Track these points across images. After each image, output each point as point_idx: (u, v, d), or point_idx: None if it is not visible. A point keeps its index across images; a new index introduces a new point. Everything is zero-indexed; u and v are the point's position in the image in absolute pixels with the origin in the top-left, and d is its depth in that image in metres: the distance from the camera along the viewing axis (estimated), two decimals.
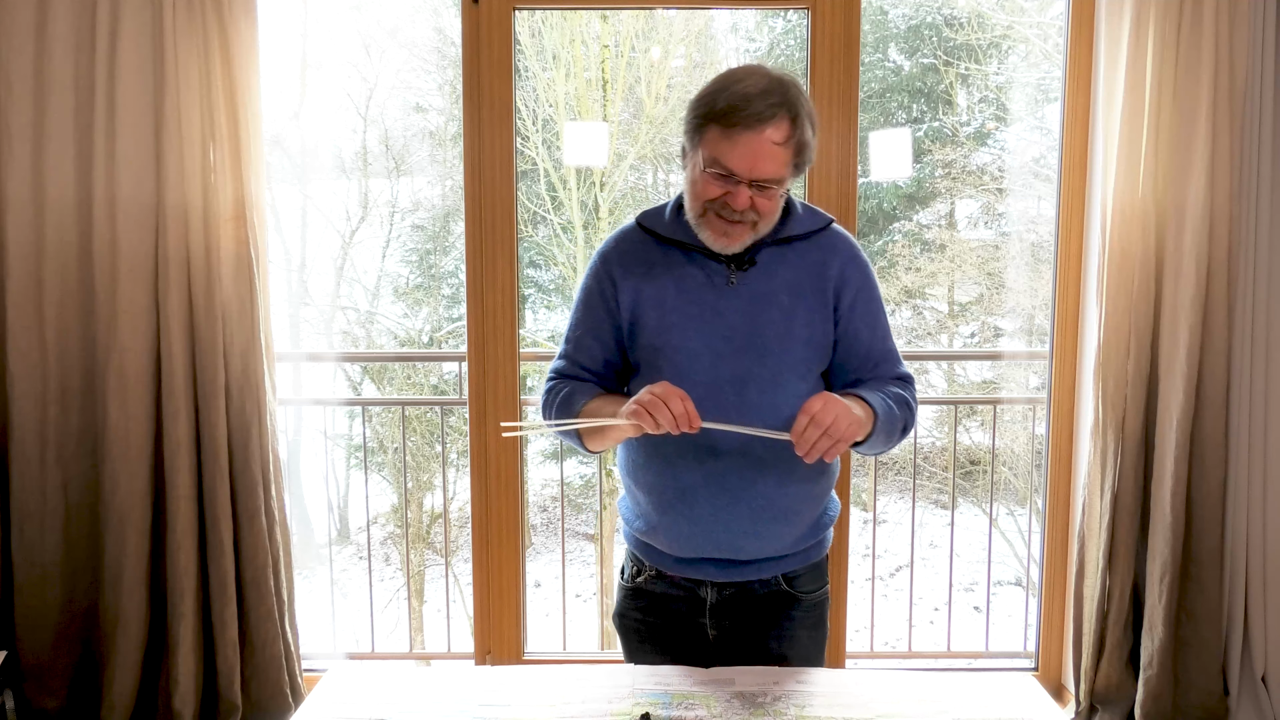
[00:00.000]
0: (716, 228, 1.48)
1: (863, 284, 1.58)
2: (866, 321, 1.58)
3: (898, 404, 1.54)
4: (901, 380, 1.60)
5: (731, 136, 1.41)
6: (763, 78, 1.43)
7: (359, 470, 7.97)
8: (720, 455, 1.52)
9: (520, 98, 5.84)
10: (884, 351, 1.60)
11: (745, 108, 1.40)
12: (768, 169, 1.42)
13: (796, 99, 1.44)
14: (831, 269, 1.56)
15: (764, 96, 1.40)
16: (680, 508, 1.56)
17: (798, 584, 1.64)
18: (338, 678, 1.62)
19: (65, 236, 2.43)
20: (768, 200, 1.45)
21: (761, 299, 1.52)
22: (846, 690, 1.55)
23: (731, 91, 1.41)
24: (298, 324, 7.62)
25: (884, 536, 7.75)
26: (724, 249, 1.50)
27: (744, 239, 1.49)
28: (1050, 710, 1.52)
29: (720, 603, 1.63)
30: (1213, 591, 2.49)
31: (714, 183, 1.44)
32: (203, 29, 2.36)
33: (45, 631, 2.52)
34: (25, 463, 2.47)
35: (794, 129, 1.43)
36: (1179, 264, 2.43)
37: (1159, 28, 2.37)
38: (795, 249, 1.55)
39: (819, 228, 1.58)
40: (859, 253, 1.60)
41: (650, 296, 1.55)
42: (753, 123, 1.40)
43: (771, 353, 1.51)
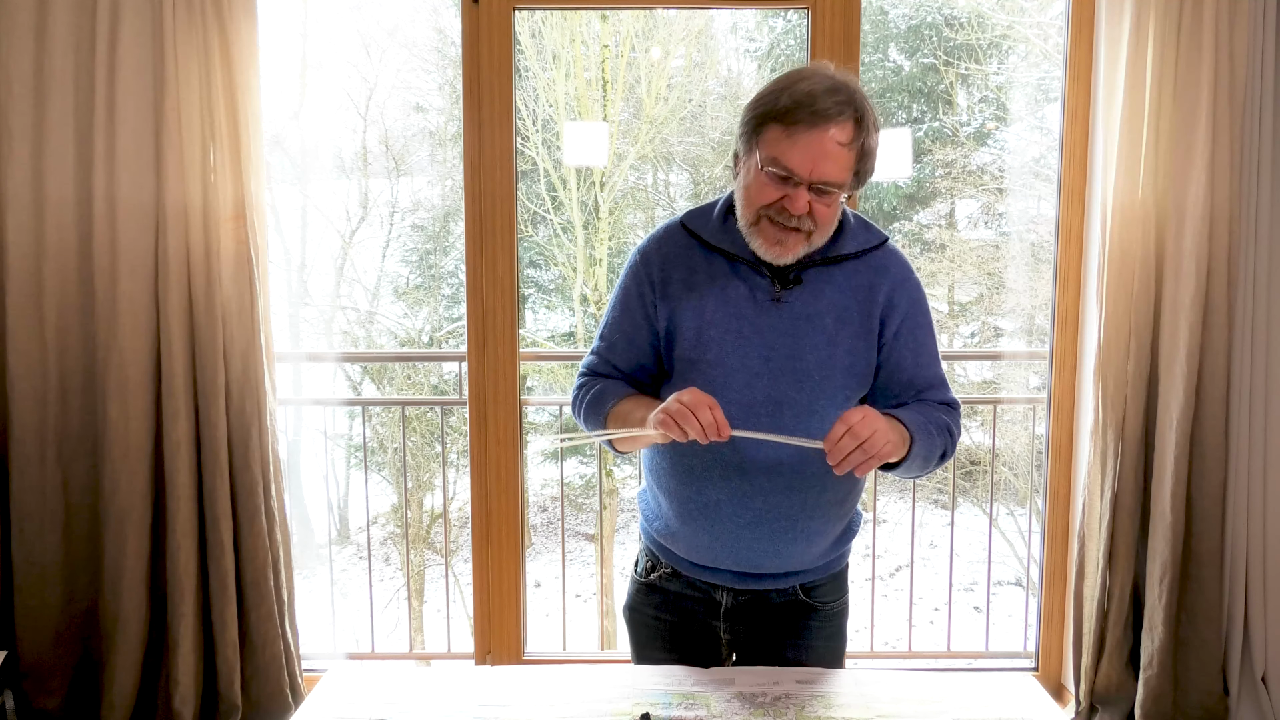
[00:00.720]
0: (770, 236, 1.40)
1: (910, 310, 1.51)
2: (911, 348, 1.52)
3: (939, 430, 1.48)
4: (946, 406, 1.54)
5: (793, 134, 1.34)
6: (828, 77, 1.37)
7: (359, 470, 7.97)
8: (748, 474, 1.47)
9: (520, 98, 5.85)
10: (928, 378, 1.53)
11: (810, 104, 1.33)
12: (830, 170, 1.35)
13: (863, 102, 1.38)
14: (880, 293, 1.48)
15: (830, 94, 1.34)
16: (702, 521, 1.52)
17: (816, 594, 1.61)
18: (338, 678, 1.62)
19: (65, 236, 2.43)
20: (826, 207, 1.38)
21: (805, 320, 1.46)
22: (846, 690, 1.55)
23: (795, 89, 1.35)
24: (298, 324, 7.62)
25: (884, 536, 7.75)
26: (776, 259, 1.42)
27: (797, 250, 1.41)
28: (1050, 710, 1.52)
29: (735, 607, 1.60)
30: (1213, 591, 2.49)
31: (771, 184, 1.37)
32: (203, 29, 2.36)
33: (45, 631, 2.52)
34: (25, 463, 2.47)
35: (859, 131, 1.37)
36: (1179, 264, 2.43)
37: (1159, 28, 2.37)
38: (844, 269, 1.48)
39: (871, 246, 1.51)
40: (910, 275, 1.52)
41: (690, 306, 1.48)
42: (817, 120, 1.33)
43: (811, 378, 1.45)
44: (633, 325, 1.55)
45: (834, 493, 1.51)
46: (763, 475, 1.47)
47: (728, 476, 1.48)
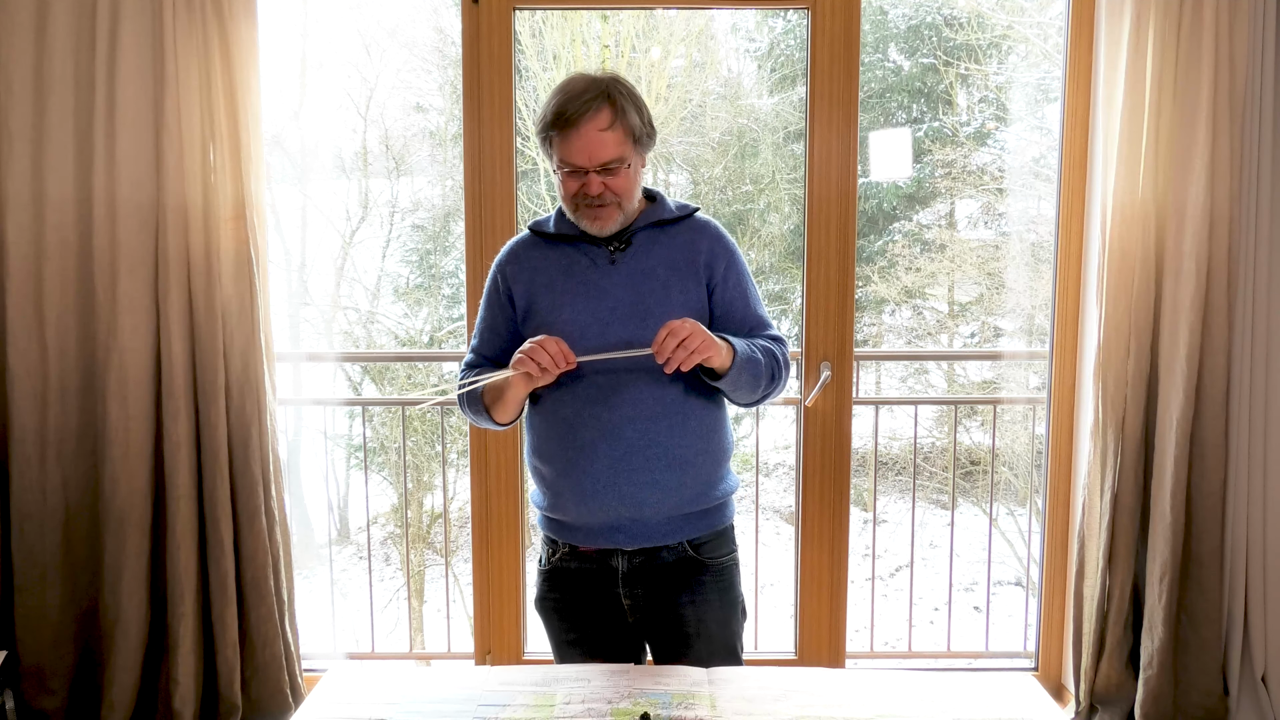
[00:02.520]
0: (588, 215, 1.68)
1: (730, 260, 1.77)
2: (739, 292, 1.77)
3: (763, 352, 1.71)
4: (773, 339, 1.78)
5: (565, 137, 1.63)
6: (580, 81, 1.66)
7: (359, 470, 7.97)
8: (614, 408, 1.67)
9: (520, 98, 5.86)
10: (757, 317, 1.79)
11: (565, 110, 1.62)
12: (604, 153, 1.63)
13: (612, 89, 1.65)
14: (700, 247, 1.75)
15: (579, 97, 1.62)
16: (583, 465, 1.69)
17: (704, 550, 1.76)
18: (338, 678, 1.62)
19: (65, 236, 2.43)
20: (618, 179, 1.65)
21: (640, 274, 1.72)
22: (846, 690, 1.55)
23: (555, 102, 1.64)
24: (298, 324, 7.61)
25: (884, 536, 7.74)
26: (600, 231, 1.69)
27: (614, 218, 1.69)
28: (1050, 710, 1.52)
29: (631, 571, 1.74)
30: (1213, 591, 2.49)
31: (569, 180, 1.66)
32: (203, 29, 2.36)
33: (45, 631, 2.52)
34: (25, 463, 2.47)
35: (615, 112, 1.64)
36: (1179, 264, 2.43)
37: (1159, 28, 2.37)
38: (667, 232, 1.75)
39: (686, 214, 1.78)
40: (724, 234, 1.80)
41: (542, 283, 1.75)
42: (576, 121, 1.61)
43: (654, 316, 1.67)
44: (494, 319, 1.81)
45: (697, 421, 1.72)
46: (627, 406, 1.67)
47: (596, 415, 1.68)
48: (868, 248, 7.68)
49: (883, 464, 7.88)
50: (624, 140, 1.65)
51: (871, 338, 7.98)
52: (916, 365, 8.10)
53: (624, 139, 1.65)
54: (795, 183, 7.34)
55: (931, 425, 8.12)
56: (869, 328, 7.93)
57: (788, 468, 7.80)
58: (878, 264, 7.70)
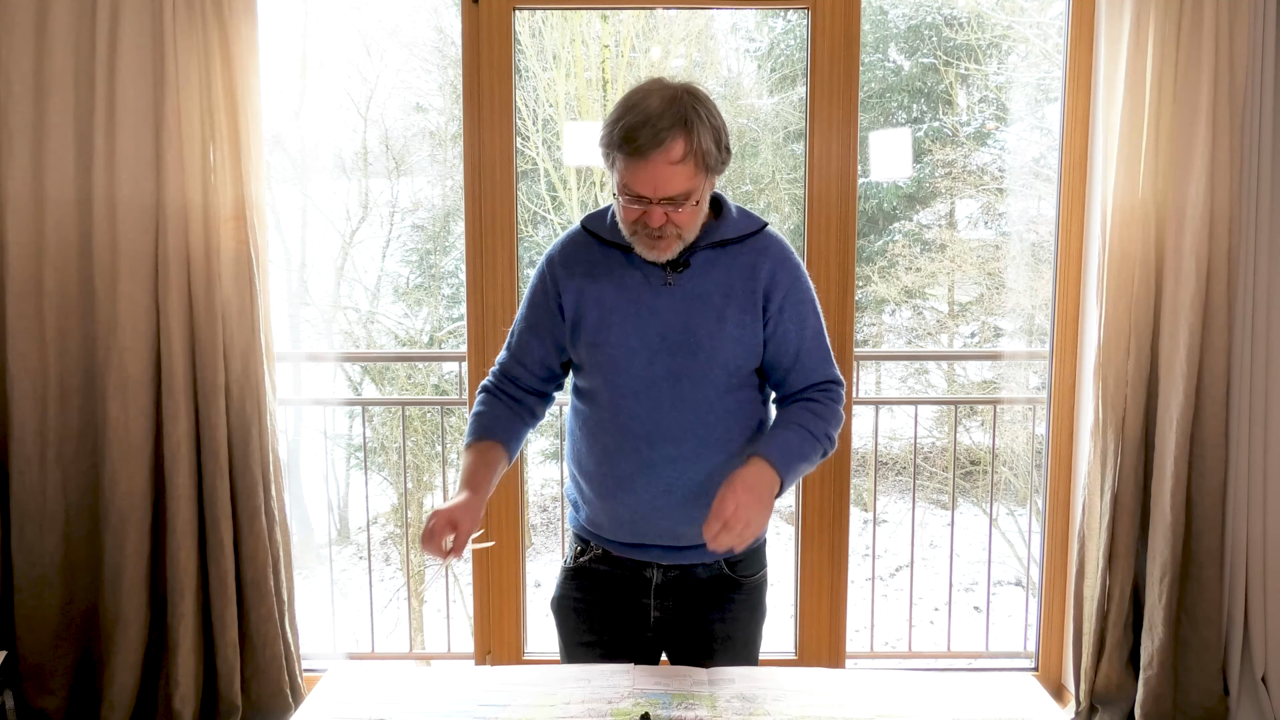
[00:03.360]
0: (645, 243, 1.54)
1: (792, 286, 1.63)
2: (795, 323, 1.63)
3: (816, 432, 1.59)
4: (828, 386, 1.65)
5: (632, 164, 1.47)
6: (656, 98, 1.48)
7: (359, 470, 7.97)
8: (655, 444, 1.60)
9: (520, 98, 5.84)
10: (813, 351, 1.65)
11: (638, 136, 1.45)
12: (672, 187, 1.48)
13: (689, 112, 1.47)
14: (762, 271, 1.61)
15: (656, 121, 1.45)
16: (621, 496, 1.63)
17: (739, 568, 1.71)
18: (338, 678, 1.62)
19: (65, 236, 2.43)
20: (682, 214, 1.51)
21: (695, 299, 1.59)
22: (846, 690, 1.55)
23: (625, 122, 1.47)
24: (298, 324, 7.61)
25: (884, 536, 7.74)
26: (657, 259, 1.56)
27: (673, 248, 1.55)
28: (1050, 710, 1.52)
29: (665, 584, 1.69)
30: (1213, 591, 2.49)
31: (629, 206, 1.51)
32: (203, 29, 2.36)
33: (45, 631, 2.52)
34: (25, 463, 2.47)
35: (689, 143, 1.47)
36: (1179, 264, 2.43)
37: (1159, 28, 2.37)
38: (728, 252, 1.61)
39: (752, 231, 1.64)
40: (790, 256, 1.65)
41: (592, 296, 1.62)
42: (646, 150, 1.45)
43: (703, 349, 1.58)
44: (539, 321, 1.69)
45: (740, 460, 1.59)
46: (669, 444, 1.60)
47: (637, 449, 1.60)
48: (868, 248, 7.68)
49: (883, 464, 7.88)
50: (695, 173, 1.49)
51: (871, 338, 7.98)
52: (916, 365, 8.10)
53: (695, 172, 1.49)
54: (795, 183, 7.34)
55: (931, 425, 8.11)
56: (869, 328, 7.93)
57: None
58: (878, 264, 7.70)
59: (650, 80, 1.54)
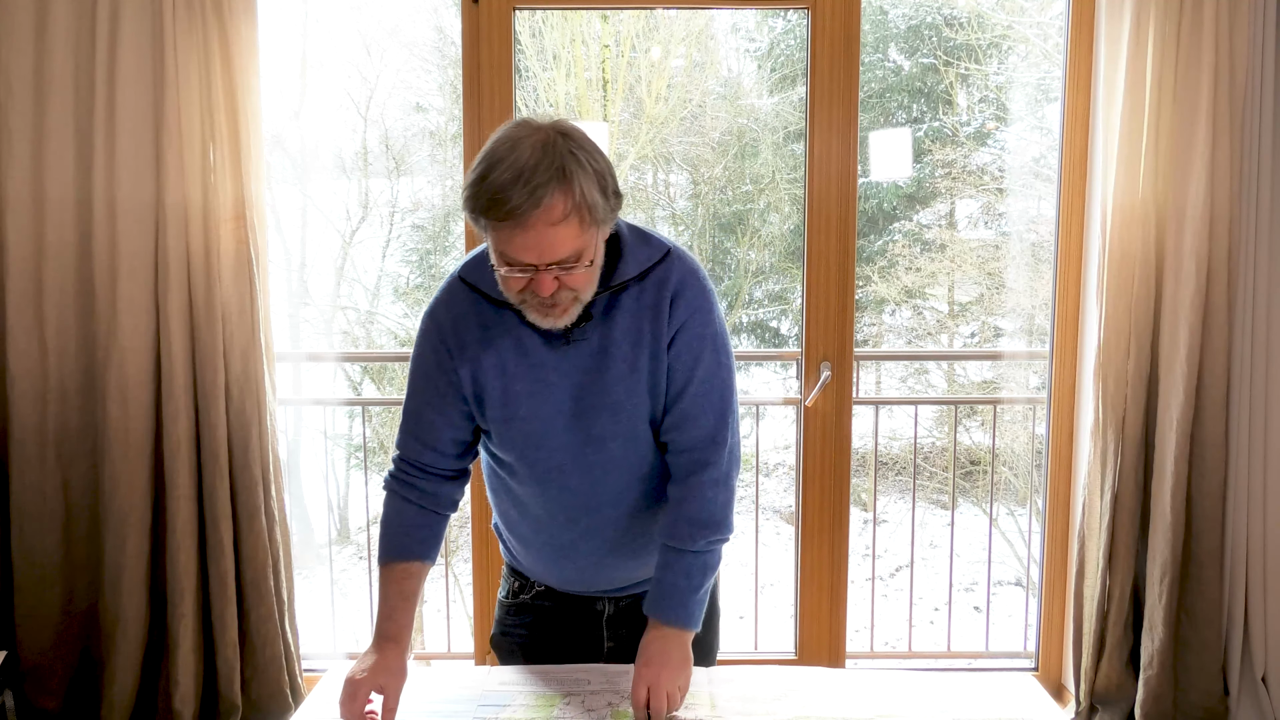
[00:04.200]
0: (537, 311, 1.33)
1: (690, 318, 1.40)
2: (684, 358, 1.41)
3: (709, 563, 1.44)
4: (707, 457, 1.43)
5: (507, 230, 1.25)
6: (527, 147, 1.25)
7: (359, 470, 7.96)
8: (594, 511, 1.48)
9: (520, 98, 5.86)
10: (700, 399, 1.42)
11: (504, 202, 1.23)
12: (558, 250, 1.26)
13: (567, 160, 1.25)
14: (665, 304, 1.40)
15: (523, 181, 1.23)
16: (564, 560, 1.55)
17: None
18: (338, 678, 1.62)
19: (65, 236, 2.43)
20: (576, 276, 1.30)
21: (602, 353, 1.40)
22: (846, 690, 1.55)
23: (492, 180, 1.24)
24: (298, 324, 7.61)
25: (884, 536, 7.74)
26: (554, 326, 1.35)
27: (571, 311, 1.34)
28: (1050, 710, 1.52)
29: (617, 614, 1.62)
30: (1213, 591, 2.49)
31: (514, 274, 1.29)
32: (203, 29, 2.36)
33: (45, 631, 2.52)
34: (25, 463, 2.47)
35: (571, 197, 1.24)
36: (1179, 264, 2.43)
37: (1159, 28, 2.37)
38: (631, 292, 1.40)
39: (653, 263, 1.41)
40: (694, 282, 1.42)
41: (490, 365, 1.42)
42: (519, 215, 1.23)
43: (623, 408, 1.41)
44: (436, 394, 1.46)
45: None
46: (609, 508, 1.48)
47: (575, 520, 1.49)
48: (868, 248, 7.68)
49: (883, 464, 7.88)
50: (583, 230, 1.27)
51: (871, 338, 7.98)
52: (916, 365, 8.10)
53: (583, 229, 1.27)
54: (795, 183, 7.34)
55: (931, 425, 8.11)
56: (869, 328, 7.93)
57: (788, 468, 7.80)
58: (878, 264, 7.70)
59: (514, 125, 1.30)
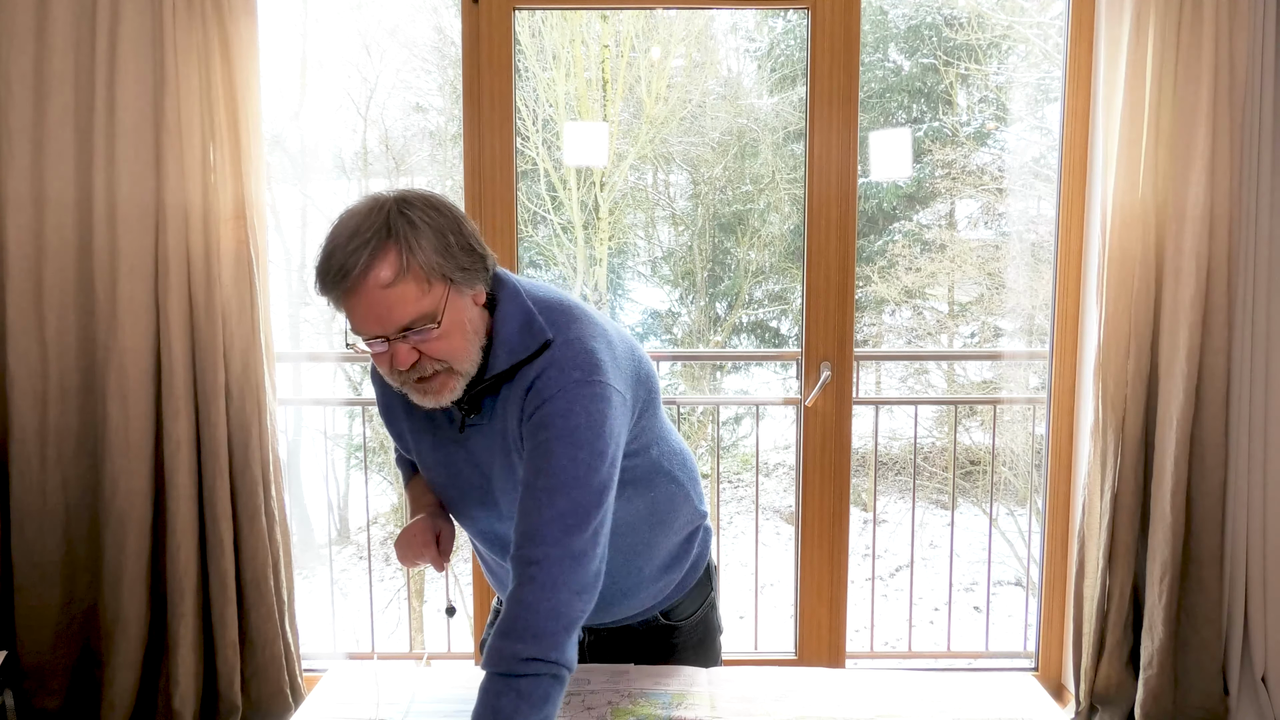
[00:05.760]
0: (416, 390, 1.26)
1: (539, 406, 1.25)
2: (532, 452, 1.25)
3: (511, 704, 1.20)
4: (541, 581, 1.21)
5: (348, 307, 1.20)
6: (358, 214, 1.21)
7: (359, 470, 7.97)
8: None
9: (520, 98, 5.83)
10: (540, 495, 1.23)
11: (334, 270, 1.17)
12: (398, 315, 1.18)
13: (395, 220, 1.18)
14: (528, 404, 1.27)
15: (347, 246, 1.17)
16: None
17: (675, 614, 1.58)
18: (338, 678, 1.62)
19: (65, 236, 2.43)
20: (434, 344, 1.21)
21: (488, 451, 1.34)
22: (846, 690, 1.55)
23: (322, 257, 1.20)
24: (298, 324, 7.61)
25: (884, 536, 7.75)
26: (436, 405, 1.27)
27: (450, 388, 1.25)
28: (1050, 710, 1.52)
29: (598, 642, 1.59)
30: (1213, 591, 2.49)
31: (376, 350, 1.22)
32: (203, 29, 2.36)
33: (45, 631, 2.52)
34: (25, 463, 2.47)
35: (399, 256, 1.17)
36: (1179, 264, 2.43)
37: (1159, 28, 2.37)
38: (513, 385, 1.29)
39: (529, 354, 1.28)
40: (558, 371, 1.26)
41: (413, 437, 1.43)
42: (348, 283, 1.17)
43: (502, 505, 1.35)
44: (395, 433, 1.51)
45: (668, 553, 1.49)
46: None
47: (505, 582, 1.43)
48: (868, 248, 7.68)
49: (883, 464, 7.88)
50: (423, 291, 1.18)
51: (871, 338, 7.99)
52: (916, 365, 8.10)
53: (423, 288, 1.18)
54: (795, 183, 7.34)
55: (931, 425, 8.12)
56: (869, 328, 7.93)
57: (788, 468, 7.80)
58: (878, 264, 7.70)
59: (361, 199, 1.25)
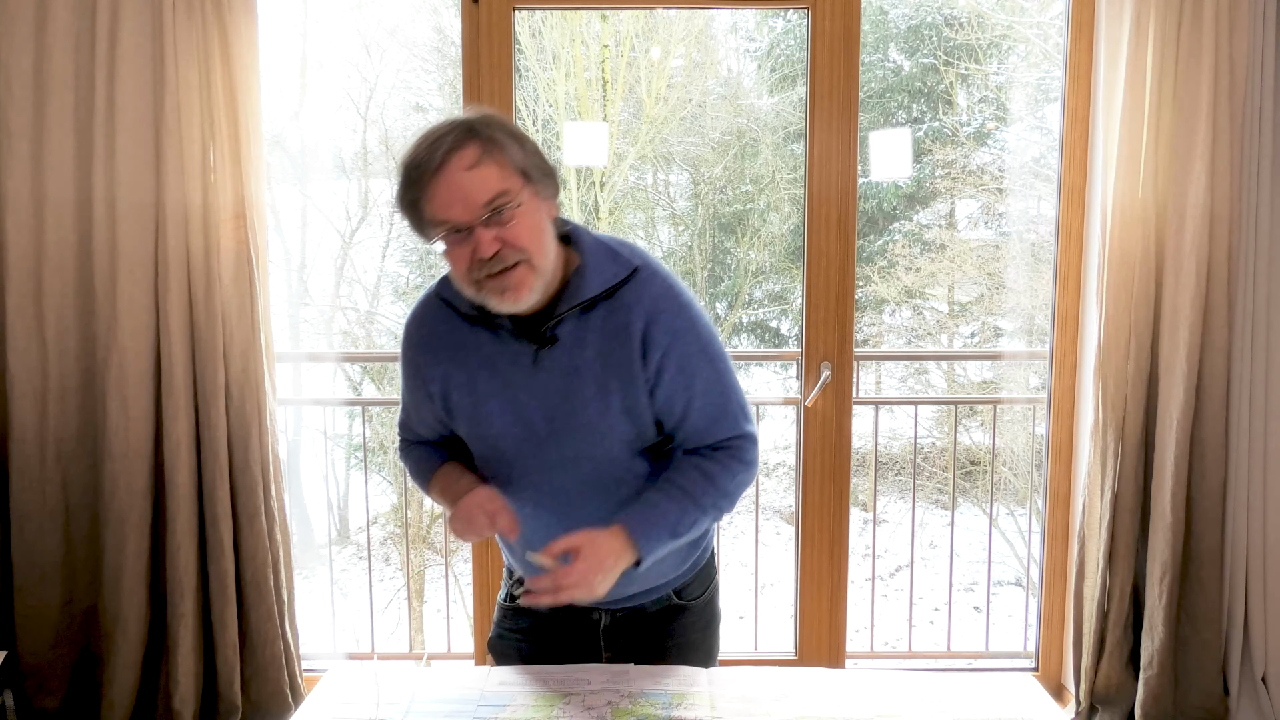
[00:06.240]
0: (494, 288, 1.32)
1: (670, 344, 1.38)
2: (679, 385, 1.39)
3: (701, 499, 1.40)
4: (731, 444, 1.44)
5: (430, 195, 1.29)
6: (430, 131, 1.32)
7: (359, 470, 7.97)
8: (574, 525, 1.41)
9: (520, 98, 5.85)
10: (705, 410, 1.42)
11: (422, 164, 1.29)
12: (481, 193, 1.27)
13: (476, 123, 1.31)
14: (635, 329, 1.37)
15: (433, 146, 1.29)
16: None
17: (686, 593, 1.63)
18: (338, 678, 1.62)
19: (65, 236, 2.43)
20: (513, 227, 1.29)
21: (572, 374, 1.39)
22: (846, 690, 1.55)
23: (404, 165, 1.32)
24: (298, 324, 7.61)
25: (884, 536, 7.75)
26: (515, 306, 1.34)
27: (529, 285, 1.32)
28: (1050, 710, 1.52)
29: (614, 624, 1.61)
30: (1213, 591, 2.49)
31: (456, 247, 1.30)
32: (203, 29, 2.36)
33: (45, 631, 2.52)
34: (25, 462, 2.47)
35: (484, 145, 1.29)
36: (1179, 264, 2.43)
37: (1159, 28, 2.37)
38: (598, 312, 1.38)
39: (620, 281, 1.38)
40: (669, 301, 1.40)
41: (461, 383, 1.44)
42: (435, 172, 1.28)
43: (595, 430, 1.40)
44: (419, 400, 1.54)
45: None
46: (588, 523, 1.41)
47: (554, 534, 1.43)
48: (868, 248, 7.68)
49: (883, 464, 7.88)
50: (504, 174, 1.29)
51: (871, 338, 7.99)
52: (916, 365, 8.10)
53: (504, 173, 1.29)
54: (795, 183, 7.34)
55: (931, 425, 8.12)
56: (869, 328, 7.94)
57: (788, 468, 7.80)
58: (878, 264, 7.70)
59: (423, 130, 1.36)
